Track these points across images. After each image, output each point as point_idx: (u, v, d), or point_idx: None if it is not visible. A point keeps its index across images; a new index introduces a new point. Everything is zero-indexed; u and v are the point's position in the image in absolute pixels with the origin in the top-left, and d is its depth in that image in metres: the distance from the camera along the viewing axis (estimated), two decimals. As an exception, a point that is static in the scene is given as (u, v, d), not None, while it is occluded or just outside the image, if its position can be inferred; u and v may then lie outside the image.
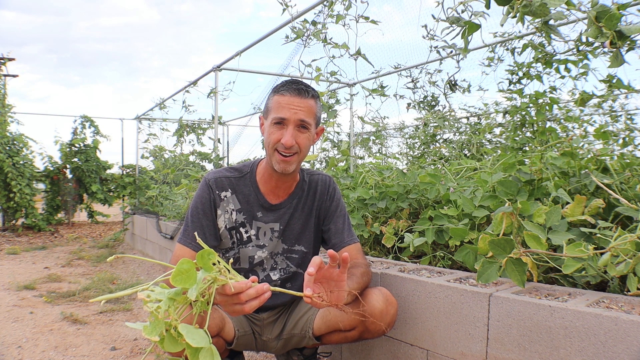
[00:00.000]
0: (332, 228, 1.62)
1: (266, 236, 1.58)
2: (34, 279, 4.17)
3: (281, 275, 1.60)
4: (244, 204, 1.56)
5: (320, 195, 1.64)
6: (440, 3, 1.90)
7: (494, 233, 1.44)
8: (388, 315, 1.45)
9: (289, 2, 3.11)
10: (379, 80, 4.53)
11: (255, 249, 1.57)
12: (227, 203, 1.55)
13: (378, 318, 1.42)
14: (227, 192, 1.55)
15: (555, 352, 1.17)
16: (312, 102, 1.47)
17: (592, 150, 1.91)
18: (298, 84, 1.47)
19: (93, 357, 2.30)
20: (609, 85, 2.42)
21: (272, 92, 1.51)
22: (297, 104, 1.43)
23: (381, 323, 1.43)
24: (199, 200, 1.54)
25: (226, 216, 1.55)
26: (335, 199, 1.66)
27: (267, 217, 1.58)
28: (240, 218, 1.56)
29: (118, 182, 9.09)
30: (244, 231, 1.57)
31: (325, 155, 6.21)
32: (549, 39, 2.32)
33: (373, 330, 1.46)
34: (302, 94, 1.45)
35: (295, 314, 1.63)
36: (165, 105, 6.64)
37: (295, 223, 1.60)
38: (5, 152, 7.61)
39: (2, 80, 11.19)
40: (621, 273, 1.22)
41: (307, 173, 1.67)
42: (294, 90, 1.44)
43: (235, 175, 1.58)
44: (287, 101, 1.43)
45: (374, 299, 1.44)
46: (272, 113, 1.45)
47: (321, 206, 1.64)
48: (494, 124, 4.37)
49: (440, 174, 2.34)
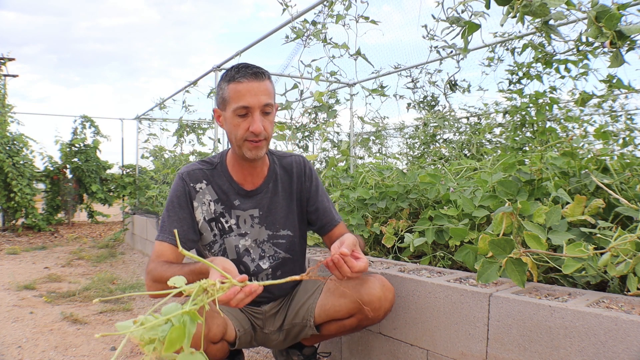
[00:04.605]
0: (319, 208, 1.62)
1: (246, 224, 1.56)
2: (34, 279, 4.17)
3: (271, 263, 1.58)
4: (221, 194, 1.54)
5: (297, 177, 1.62)
6: (440, 3, 1.90)
7: (494, 233, 1.44)
8: (386, 301, 1.46)
9: (289, 2, 3.11)
10: (379, 80, 4.53)
11: (238, 238, 1.55)
12: (202, 194, 1.53)
13: (377, 304, 1.44)
14: (201, 183, 1.53)
15: (555, 352, 1.17)
16: (268, 83, 1.43)
17: (592, 150, 1.91)
18: (251, 67, 1.41)
19: (93, 357, 2.30)
20: (609, 85, 2.42)
21: (223, 81, 1.44)
22: (257, 89, 1.38)
23: (380, 309, 1.45)
24: (174, 194, 1.51)
25: (204, 208, 1.52)
26: (314, 179, 1.65)
27: (245, 204, 1.55)
28: (218, 208, 1.54)
29: (118, 182, 9.08)
30: (225, 221, 1.54)
31: (325, 155, 6.20)
32: (549, 39, 2.32)
33: (372, 317, 1.46)
34: (260, 77, 1.40)
35: (295, 303, 1.61)
36: (165, 105, 6.64)
37: (278, 208, 1.58)
38: (6, 152, 7.61)
39: (2, 80, 11.20)
40: (621, 273, 1.22)
41: (277, 156, 1.64)
42: (251, 75, 1.39)
43: (208, 167, 1.56)
44: (246, 88, 1.38)
45: (371, 286, 1.45)
46: (233, 103, 1.40)
47: (302, 188, 1.63)
48: (494, 124, 4.37)
49: (440, 174, 2.34)
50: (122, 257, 5.62)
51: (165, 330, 0.83)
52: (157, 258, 1.42)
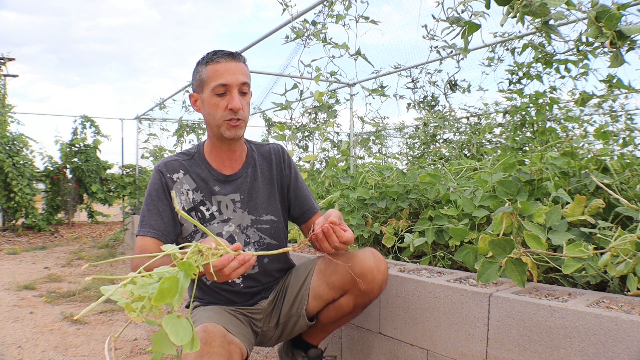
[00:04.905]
0: (299, 195, 1.64)
1: (229, 209, 1.54)
2: (34, 279, 4.17)
3: (256, 249, 1.56)
4: (199, 182, 1.53)
5: (276, 164, 1.63)
6: (440, 3, 1.90)
7: (494, 233, 1.44)
8: (379, 273, 1.44)
9: (289, 2, 3.11)
10: (379, 80, 4.53)
11: (221, 225, 1.52)
12: (180, 184, 1.51)
13: (369, 276, 1.41)
14: (178, 173, 1.52)
15: (555, 352, 1.17)
16: (244, 65, 1.46)
17: (592, 150, 1.91)
18: (226, 50, 1.45)
19: (93, 357, 2.30)
20: (609, 85, 2.42)
21: (200, 64, 1.46)
22: (235, 68, 1.41)
23: (373, 281, 1.42)
24: (152, 187, 1.50)
25: (182, 198, 1.51)
26: (292, 167, 1.66)
27: (225, 189, 1.54)
28: (198, 197, 1.52)
29: (118, 182, 9.09)
30: (205, 209, 1.52)
31: (325, 155, 6.20)
32: (549, 39, 2.32)
33: (366, 290, 1.43)
34: (237, 58, 1.43)
35: (289, 294, 1.59)
36: (165, 105, 6.65)
37: (259, 192, 1.58)
38: (6, 152, 7.62)
39: (2, 80, 11.21)
40: (621, 273, 1.22)
41: (254, 144, 1.66)
42: (227, 55, 1.42)
43: (185, 158, 1.56)
44: (224, 67, 1.40)
45: (362, 257, 1.43)
46: (211, 82, 1.41)
47: (282, 175, 1.63)
48: (494, 124, 4.37)
49: (440, 174, 2.34)
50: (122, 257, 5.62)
51: (156, 288, 0.80)
52: (140, 253, 1.40)
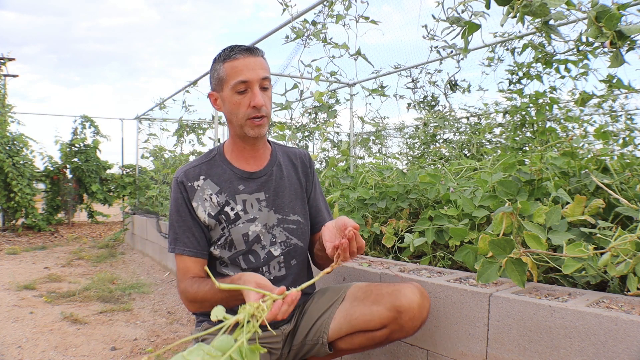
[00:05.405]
0: (314, 205, 1.59)
1: (254, 207, 1.46)
2: (34, 279, 4.17)
3: (283, 250, 1.48)
4: (222, 183, 1.46)
5: (302, 167, 1.59)
6: (440, 3, 1.90)
7: (494, 233, 1.44)
8: (425, 310, 1.34)
9: (289, 2, 3.11)
10: (379, 80, 4.52)
11: (247, 225, 1.45)
12: (202, 191, 1.44)
13: (416, 312, 1.31)
14: (198, 180, 1.46)
15: (555, 352, 1.17)
16: (263, 59, 1.40)
17: (592, 150, 1.91)
18: (244, 45, 1.38)
19: (93, 357, 2.30)
20: (609, 85, 2.42)
21: (218, 62, 1.39)
22: (254, 63, 1.35)
23: (418, 318, 1.32)
24: (175, 202, 1.46)
25: (205, 205, 1.44)
26: (315, 175, 1.62)
27: (249, 187, 1.47)
28: (222, 199, 1.45)
29: (118, 182, 9.09)
30: (230, 209, 1.45)
31: (325, 155, 6.20)
32: (549, 39, 2.32)
33: (407, 328, 1.33)
34: (255, 52, 1.37)
35: (307, 320, 1.49)
36: (165, 105, 6.64)
37: (285, 191, 1.51)
38: (6, 152, 7.62)
39: (2, 80, 11.21)
40: (621, 273, 1.22)
41: (278, 145, 1.61)
42: (245, 51, 1.35)
43: (204, 161, 1.50)
44: (243, 63, 1.34)
45: (409, 291, 1.33)
46: (231, 80, 1.35)
47: (307, 179, 1.59)
48: (494, 124, 4.37)
49: (440, 174, 2.34)
50: (122, 257, 5.63)
51: None
52: (184, 276, 1.39)
